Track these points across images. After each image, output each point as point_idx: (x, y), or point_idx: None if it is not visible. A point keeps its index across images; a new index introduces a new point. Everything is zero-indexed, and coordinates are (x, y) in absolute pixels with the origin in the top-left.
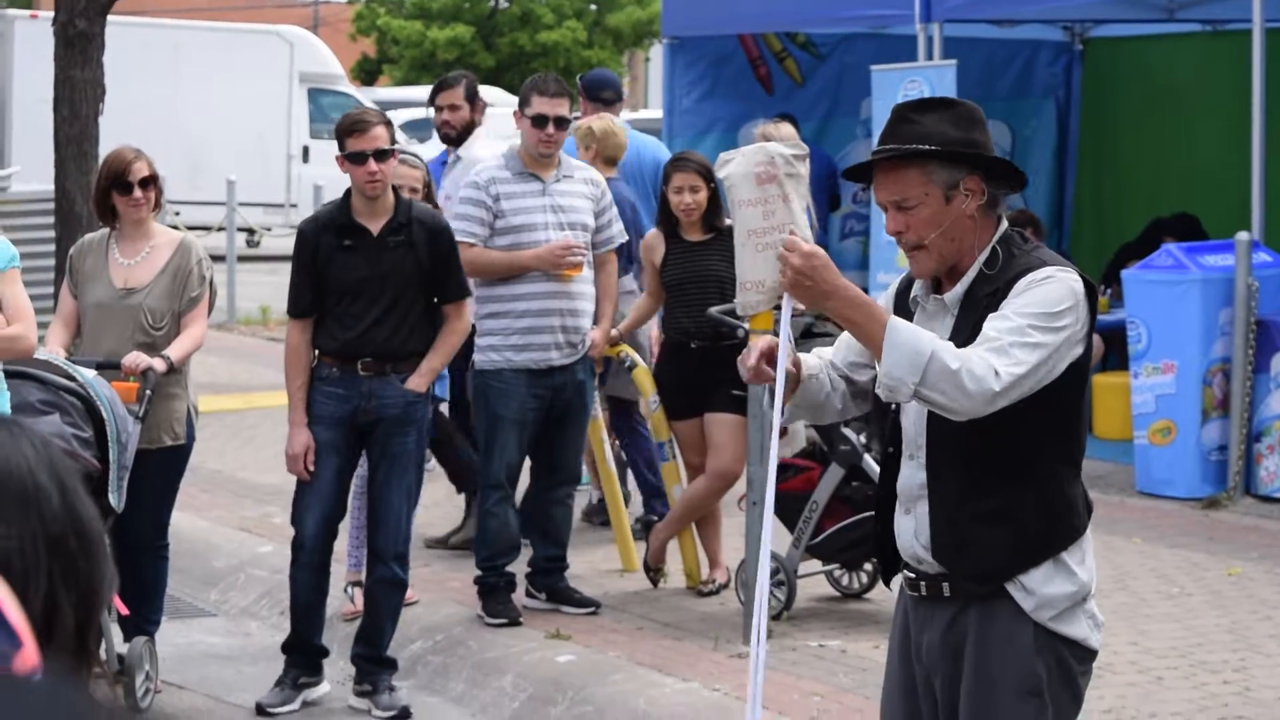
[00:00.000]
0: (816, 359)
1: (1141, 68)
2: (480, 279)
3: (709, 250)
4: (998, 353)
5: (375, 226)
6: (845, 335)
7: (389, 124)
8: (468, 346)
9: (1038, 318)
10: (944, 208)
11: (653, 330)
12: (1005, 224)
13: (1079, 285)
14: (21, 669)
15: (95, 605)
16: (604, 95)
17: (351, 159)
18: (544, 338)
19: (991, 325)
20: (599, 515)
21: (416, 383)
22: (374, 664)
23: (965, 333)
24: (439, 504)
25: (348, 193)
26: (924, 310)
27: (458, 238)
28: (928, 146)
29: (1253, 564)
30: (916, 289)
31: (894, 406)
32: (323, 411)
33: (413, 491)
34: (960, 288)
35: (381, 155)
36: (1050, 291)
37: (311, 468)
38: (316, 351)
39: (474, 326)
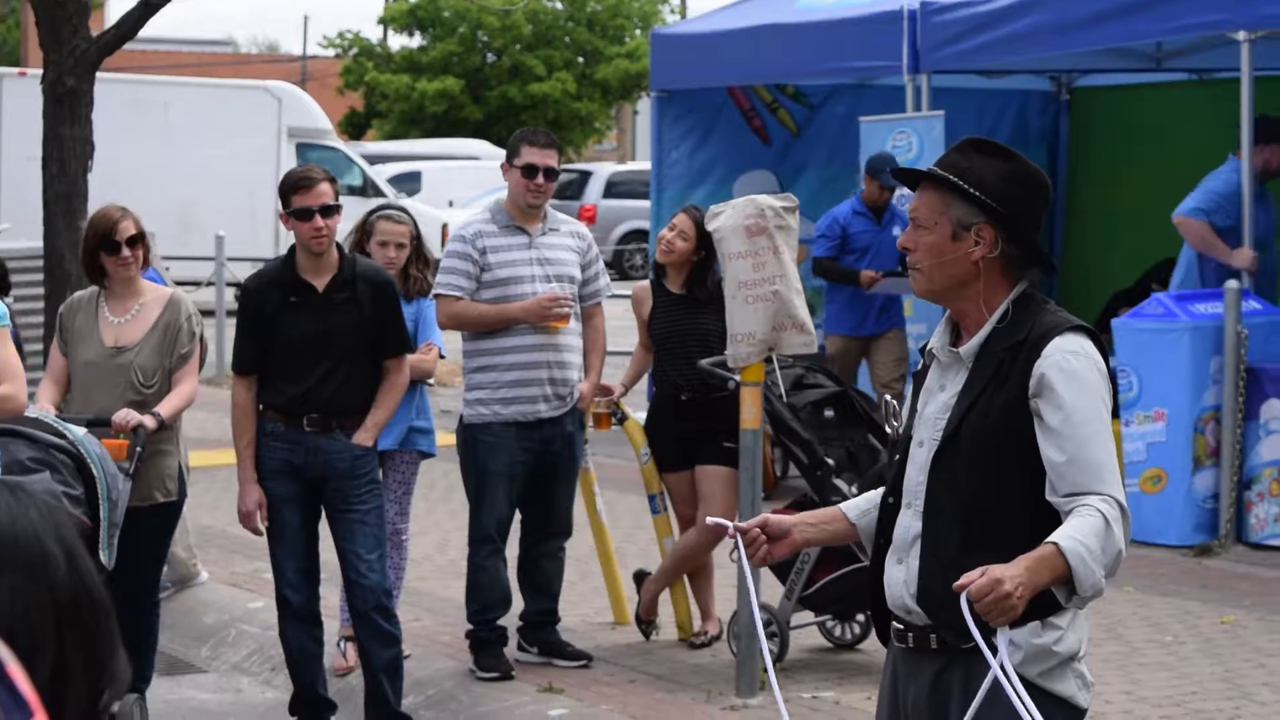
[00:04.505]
0: (865, 501)
1: (1129, 117)
2: (467, 332)
3: (696, 303)
4: (1095, 477)
5: (320, 283)
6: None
7: (334, 180)
8: None
9: (1091, 417)
10: (949, 242)
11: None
12: (1024, 285)
13: (1097, 355)
14: None
15: (106, 672)
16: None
17: (296, 215)
18: (532, 390)
19: (1070, 451)
20: None
21: (362, 437)
22: None
23: (977, 388)
24: (430, 558)
25: (292, 249)
26: (939, 363)
27: (440, 291)
28: (952, 177)
29: (1245, 611)
30: (934, 341)
31: (897, 455)
32: (274, 466)
33: (380, 541)
34: (975, 341)
35: (327, 211)
36: (1085, 383)
37: (265, 524)
38: (262, 407)
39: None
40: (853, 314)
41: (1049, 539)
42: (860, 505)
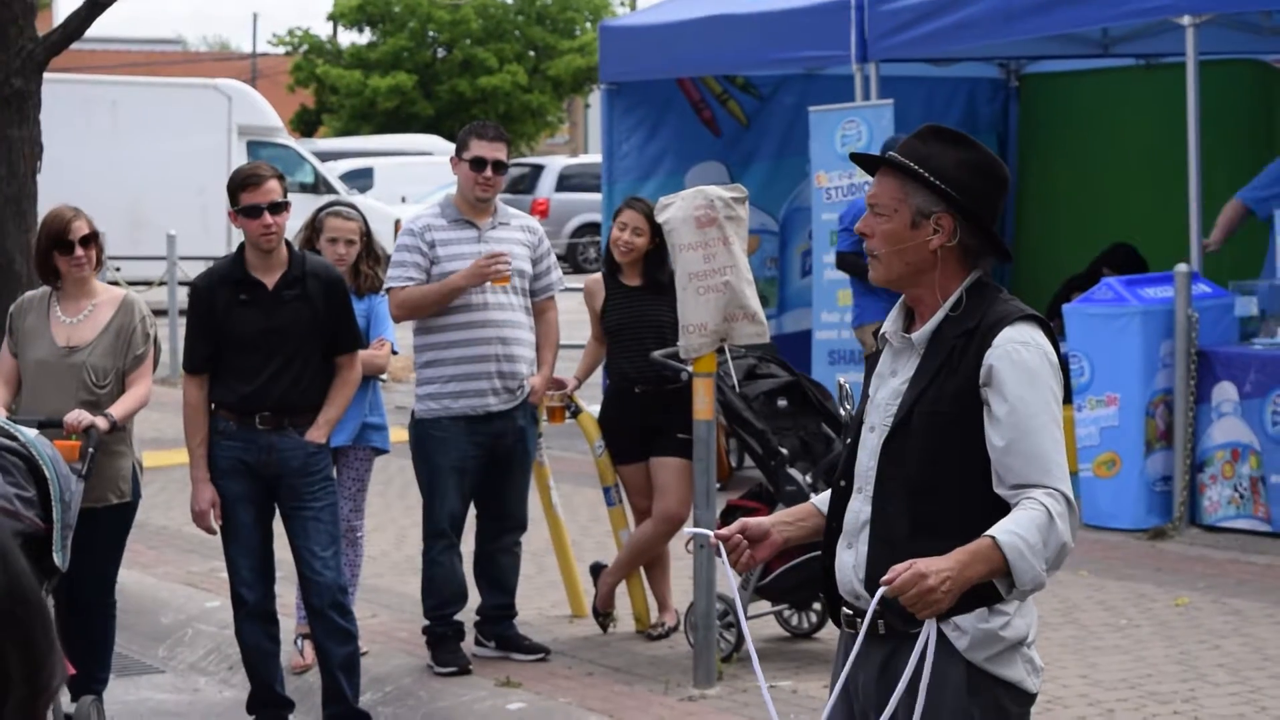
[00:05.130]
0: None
1: (1077, 102)
2: (418, 324)
3: (649, 295)
4: (1042, 470)
5: (270, 280)
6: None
7: (282, 177)
8: None
9: (1038, 409)
10: (907, 230)
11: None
12: (978, 274)
13: (1047, 345)
14: None
15: (44, 672)
16: None
17: (245, 213)
18: (480, 384)
19: (1015, 444)
20: None
21: (315, 434)
22: (344, 719)
23: (928, 374)
24: (386, 554)
25: (241, 247)
26: (891, 348)
27: (390, 284)
28: (913, 165)
29: (1199, 593)
30: (887, 326)
31: (848, 439)
32: (226, 465)
33: (334, 538)
34: (928, 328)
35: (276, 208)
36: (1033, 375)
37: (219, 523)
38: (214, 406)
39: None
40: (884, 303)
41: (987, 532)
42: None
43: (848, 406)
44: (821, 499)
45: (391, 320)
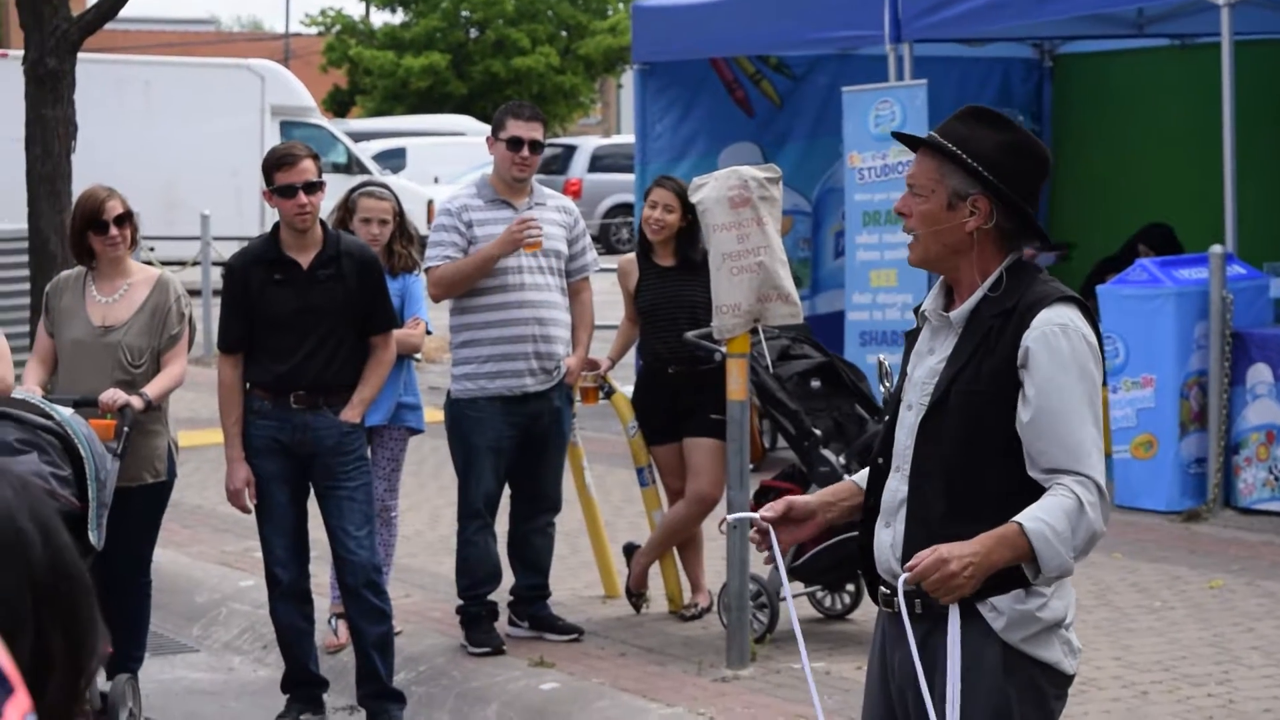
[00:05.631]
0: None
1: (1111, 83)
2: (454, 304)
3: (682, 275)
4: (1073, 455)
5: (305, 260)
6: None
7: (316, 157)
8: None
9: (1072, 394)
10: (944, 211)
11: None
12: (1018, 254)
13: (1086, 327)
14: (14, 716)
15: (86, 649)
16: None
17: (280, 193)
18: (518, 364)
19: (1048, 428)
20: None
21: (350, 414)
22: (378, 699)
23: (965, 354)
24: (420, 534)
25: (276, 226)
26: (930, 326)
27: (429, 264)
28: (951, 146)
29: (1234, 576)
30: (927, 303)
31: (886, 417)
32: (261, 444)
33: (368, 518)
34: (966, 307)
35: (311, 188)
36: (1069, 357)
37: (254, 502)
38: (249, 385)
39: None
40: None
41: (1015, 518)
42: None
43: (886, 384)
44: (860, 477)
45: (429, 299)
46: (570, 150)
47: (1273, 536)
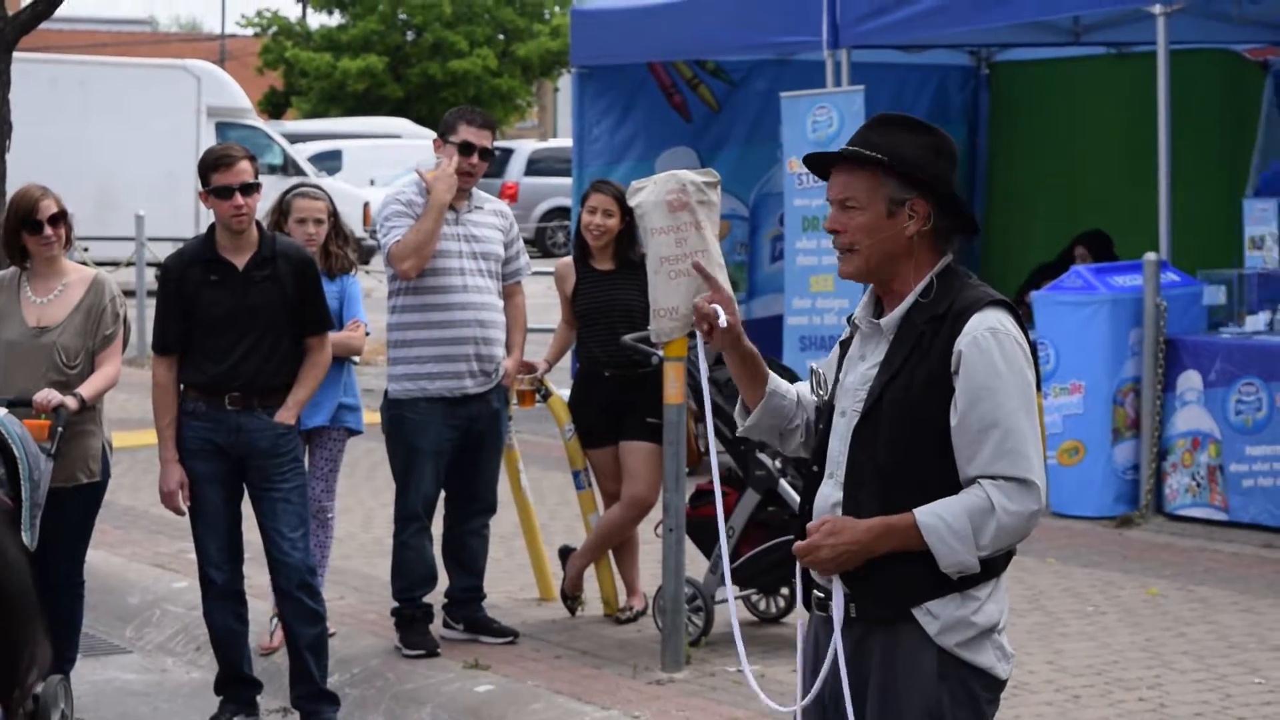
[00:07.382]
0: (790, 387)
1: (1048, 91)
2: (394, 304)
3: (619, 279)
4: (1008, 458)
5: (240, 261)
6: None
7: (253, 158)
8: None
9: (1005, 397)
10: (883, 220)
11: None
12: (948, 259)
13: (1017, 330)
14: None
15: (26, 652)
16: None
17: (216, 194)
18: (458, 366)
19: (978, 431)
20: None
21: (285, 415)
22: (312, 701)
23: (898, 359)
24: (354, 536)
25: (212, 227)
26: (861, 333)
27: (388, 243)
28: (881, 156)
29: (1166, 581)
30: (858, 311)
31: (821, 424)
32: (195, 445)
33: (303, 519)
34: (897, 313)
35: (247, 189)
36: (1002, 359)
37: (188, 504)
38: (183, 387)
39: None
40: None
41: (913, 510)
42: (784, 386)
43: (820, 392)
44: (778, 380)
45: (399, 267)
46: (507, 154)
47: (1204, 542)
